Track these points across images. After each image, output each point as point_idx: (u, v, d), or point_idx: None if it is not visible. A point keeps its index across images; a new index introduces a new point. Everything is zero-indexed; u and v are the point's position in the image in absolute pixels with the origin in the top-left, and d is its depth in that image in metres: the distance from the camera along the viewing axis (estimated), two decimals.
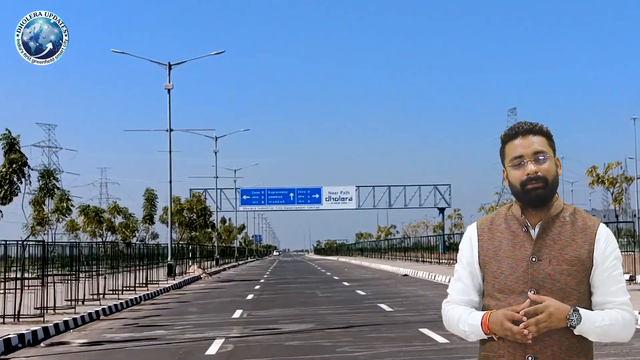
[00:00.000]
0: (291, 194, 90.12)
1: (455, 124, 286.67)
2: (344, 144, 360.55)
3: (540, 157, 2.89)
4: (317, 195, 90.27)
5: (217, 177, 66.09)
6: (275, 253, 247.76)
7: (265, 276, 45.29)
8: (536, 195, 2.88)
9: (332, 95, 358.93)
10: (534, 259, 2.89)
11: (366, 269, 53.78)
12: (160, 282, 33.68)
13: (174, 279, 37.42)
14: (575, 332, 2.81)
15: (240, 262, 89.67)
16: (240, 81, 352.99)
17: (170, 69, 39.89)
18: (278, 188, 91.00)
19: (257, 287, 32.76)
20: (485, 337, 2.90)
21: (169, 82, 39.66)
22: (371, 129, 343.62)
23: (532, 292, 2.84)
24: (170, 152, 39.87)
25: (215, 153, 64.18)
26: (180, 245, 43.08)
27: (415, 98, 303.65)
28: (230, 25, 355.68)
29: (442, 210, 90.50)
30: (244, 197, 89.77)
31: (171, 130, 40.41)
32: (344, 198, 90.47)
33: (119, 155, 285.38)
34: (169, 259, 38.78)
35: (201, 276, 45.18)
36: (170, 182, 39.08)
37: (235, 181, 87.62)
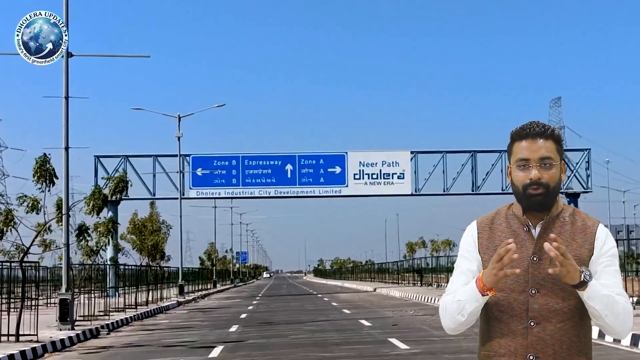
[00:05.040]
0: (288, 167, 47.00)
1: None
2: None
3: (546, 164, 2.88)
4: (337, 169, 47.17)
5: (67, 53, 22.43)
6: (265, 275, 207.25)
7: None
8: (536, 201, 2.88)
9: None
10: (535, 259, 2.87)
11: None
12: None
13: None
14: (585, 294, 2.76)
15: (192, 296, 46.49)
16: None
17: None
18: (265, 155, 47.84)
19: None
20: (481, 298, 2.82)
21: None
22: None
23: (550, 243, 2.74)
24: None
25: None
26: None
27: None
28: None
29: (575, 196, 47.62)
30: (199, 171, 46.63)
31: None
32: (388, 174, 47.57)
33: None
34: None
35: None
36: None
37: (179, 139, 44.98)
